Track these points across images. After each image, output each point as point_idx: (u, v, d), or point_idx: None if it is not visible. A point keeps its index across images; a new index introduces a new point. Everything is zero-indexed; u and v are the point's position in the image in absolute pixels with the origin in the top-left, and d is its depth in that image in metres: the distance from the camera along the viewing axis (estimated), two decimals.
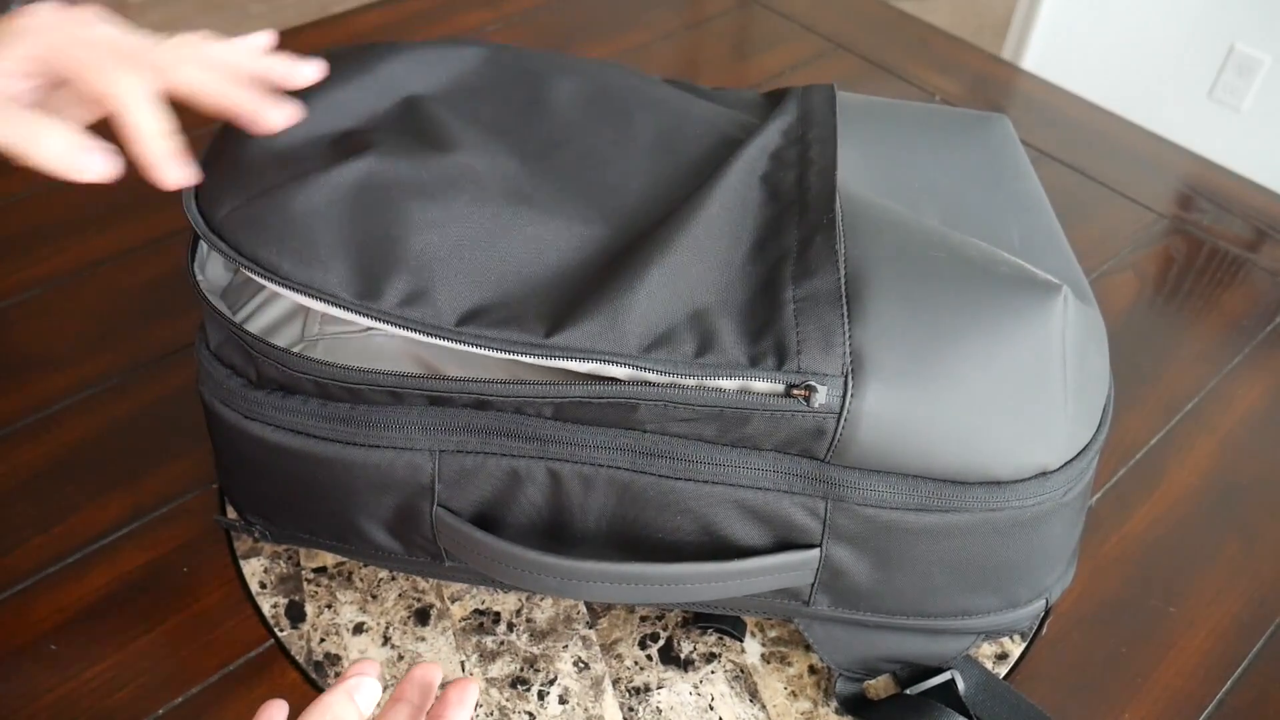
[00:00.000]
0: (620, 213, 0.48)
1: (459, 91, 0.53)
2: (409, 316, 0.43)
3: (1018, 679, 0.53)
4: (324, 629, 0.53)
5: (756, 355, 0.42)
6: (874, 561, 0.46)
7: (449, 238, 0.45)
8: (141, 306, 0.70)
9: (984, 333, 0.43)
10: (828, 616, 0.50)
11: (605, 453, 0.45)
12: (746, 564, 0.46)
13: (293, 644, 0.53)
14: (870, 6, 1.07)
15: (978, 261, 0.45)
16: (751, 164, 0.50)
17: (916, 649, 0.51)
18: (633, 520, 0.47)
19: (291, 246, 0.44)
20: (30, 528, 0.57)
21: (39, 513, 0.58)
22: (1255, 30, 1.73)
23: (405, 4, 1.03)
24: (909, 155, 0.55)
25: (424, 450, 0.46)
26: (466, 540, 0.47)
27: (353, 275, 0.44)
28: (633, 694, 0.52)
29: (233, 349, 0.47)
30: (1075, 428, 0.45)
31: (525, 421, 0.45)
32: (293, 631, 0.53)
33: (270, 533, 0.53)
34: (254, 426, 0.47)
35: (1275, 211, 0.83)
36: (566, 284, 0.44)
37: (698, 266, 0.45)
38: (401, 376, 0.44)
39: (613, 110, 0.54)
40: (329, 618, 0.54)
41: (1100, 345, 0.48)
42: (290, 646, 0.53)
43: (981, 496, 0.44)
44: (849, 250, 0.45)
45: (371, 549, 0.51)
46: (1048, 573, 0.49)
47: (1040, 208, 0.54)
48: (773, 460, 0.45)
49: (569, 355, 0.42)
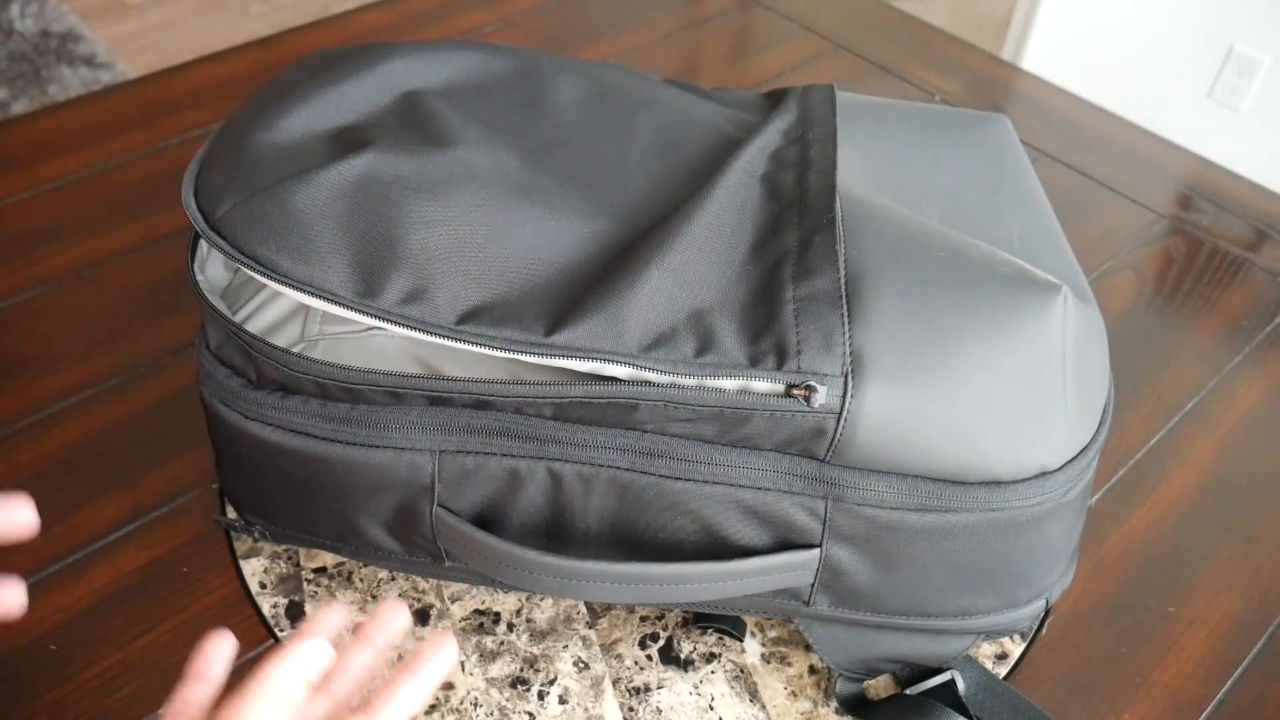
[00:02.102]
0: (620, 212, 0.48)
1: (459, 89, 0.53)
2: (409, 315, 0.43)
3: (1018, 679, 0.53)
4: None
5: (756, 355, 0.42)
6: (874, 561, 0.46)
7: (449, 235, 0.45)
8: (141, 306, 0.70)
9: (984, 333, 0.43)
10: (828, 616, 0.50)
11: (605, 453, 0.45)
12: (746, 564, 0.46)
13: None
14: (870, 6, 1.07)
15: (978, 261, 0.45)
16: (751, 164, 0.50)
17: (916, 649, 0.51)
18: (633, 520, 0.47)
19: (291, 244, 0.44)
20: None
21: (39, 513, 0.58)
22: (1255, 30, 1.72)
23: (405, 4, 1.03)
24: (909, 155, 0.55)
25: (424, 450, 0.46)
26: (466, 540, 0.47)
27: (352, 273, 0.44)
28: (633, 694, 0.52)
29: (233, 349, 0.47)
30: (1075, 428, 0.45)
31: (525, 421, 0.45)
32: (293, 632, 0.53)
33: (270, 533, 0.53)
34: (254, 426, 0.47)
35: (1275, 211, 0.83)
36: (567, 283, 0.44)
37: (698, 266, 0.45)
38: (401, 376, 0.44)
39: (613, 110, 0.54)
40: None
41: (1100, 345, 0.48)
42: None
43: (982, 496, 0.44)
44: (849, 250, 0.45)
45: (371, 549, 0.50)
46: (1048, 573, 0.49)
47: (1040, 208, 0.54)
48: (773, 460, 0.44)
49: (569, 354, 0.42)
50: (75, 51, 2.14)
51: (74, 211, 0.77)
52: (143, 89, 0.91)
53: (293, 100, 0.50)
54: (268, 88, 0.52)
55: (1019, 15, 2.02)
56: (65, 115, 0.87)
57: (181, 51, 2.17)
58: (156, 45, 2.24)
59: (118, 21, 2.32)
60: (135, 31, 2.30)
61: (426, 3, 1.04)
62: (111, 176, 0.81)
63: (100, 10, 2.35)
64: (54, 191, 0.79)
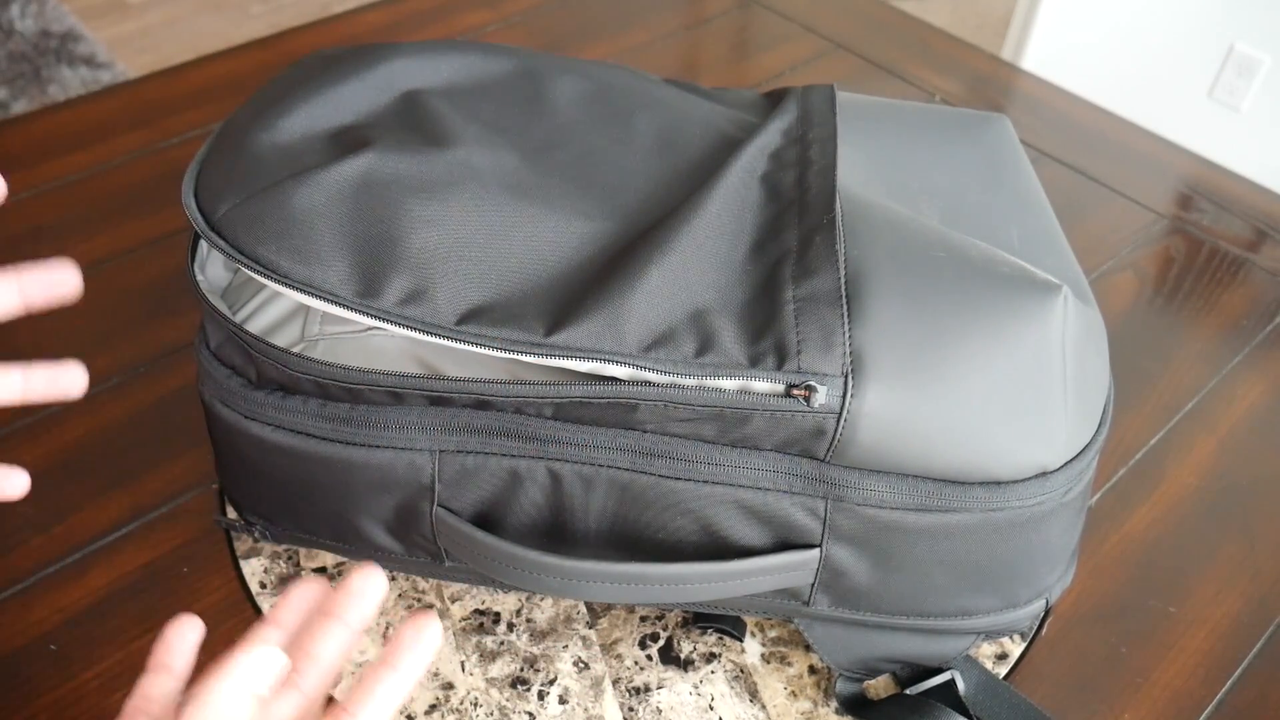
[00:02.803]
0: (621, 212, 0.48)
1: (459, 88, 0.53)
2: (409, 315, 0.43)
3: (1018, 679, 0.53)
4: None
5: (756, 355, 0.42)
6: (874, 561, 0.46)
7: (449, 235, 0.45)
8: (141, 306, 0.70)
9: (984, 333, 0.43)
10: (828, 616, 0.50)
11: (605, 453, 0.45)
12: (746, 564, 0.46)
13: None
14: (870, 6, 1.07)
15: (978, 261, 0.45)
16: (751, 164, 0.50)
17: (916, 649, 0.51)
18: (633, 520, 0.47)
19: (291, 244, 0.44)
20: (30, 528, 0.57)
21: (39, 513, 0.58)
22: (1255, 30, 1.73)
23: (405, 4, 1.03)
24: (909, 155, 0.55)
25: (424, 450, 0.46)
26: (466, 540, 0.47)
27: (352, 273, 0.44)
28: (633, 694, 0.52)
29: (233, 349, 0.47)
30: (1075, 428, 0.45)
31: (525, 421, 0.45)
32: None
33: (270, 533, 0.53)
34: (254, 427, 0.47)
35: (1275, 211, 0.83)
36: (567, 283, 0.44)
37: (698, 266, 0.45)
38: (401, 376, 0.44)
39: (614, 110, 0.54)
40: None
41: (1100, 345, 0.48)
42: None
43: (981, 496, 0.44)
44: (849, 250, 0.45)
45: (371, 549, 0.50)
46: (1048, 573, 0.49)
47: (1040, 208, 0.54)
48: (773, 460, 0.44)
49: (569, 354, 0.42)
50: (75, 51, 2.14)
51: (74, 211, 0.77)
52: (143, 89, 0.91)
53: (293, 100, 0.50)
54: (268, 88, 0.52)
55: (1019, 15, 2.02)
56: (65, 115, 0.87)
57: (181, 51, 2.17)
58: (156, 45, 2.24)
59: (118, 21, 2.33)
60: (135, 31, 2.30)
61: (426, 3, 1.04)
62: (111, 176, 0.81)
63: (100, 10, 2.35)
64: (54, 191, 0.79)
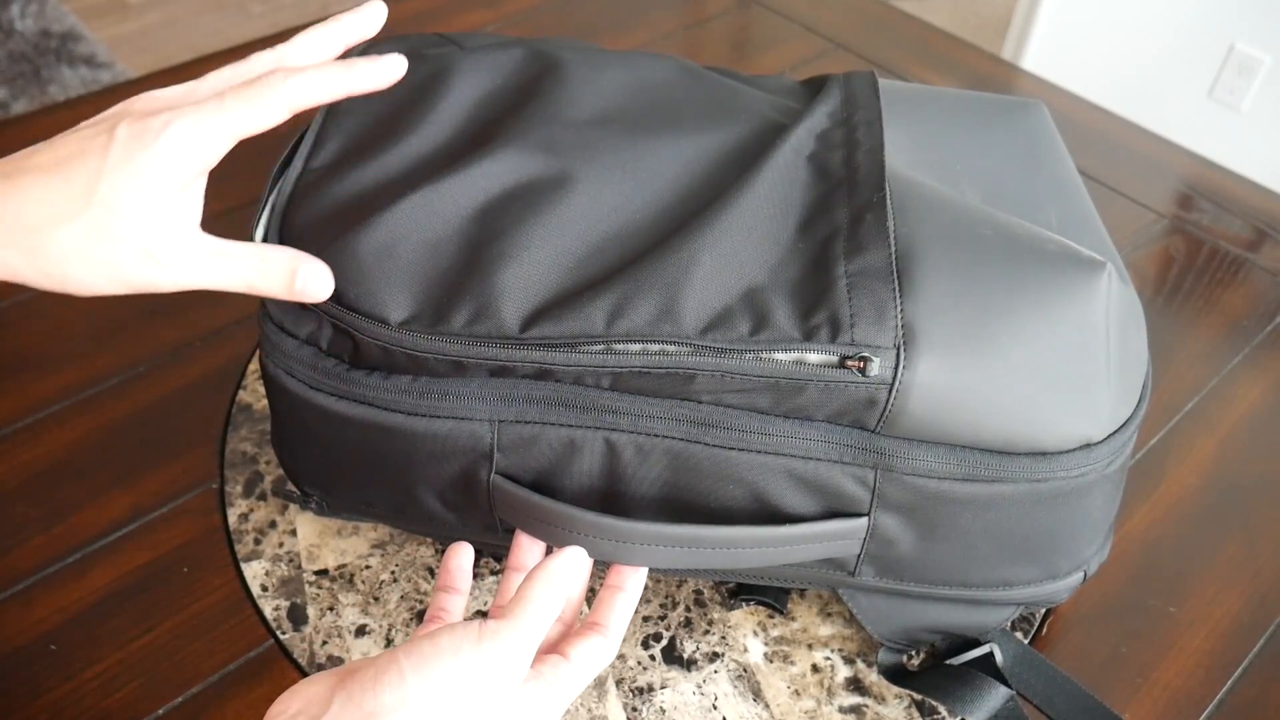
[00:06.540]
0: (670, 196, 0.48)
1: (498, 91, 0.54)
2: (477, 333, 0.44)
3: None
4: (326, 632, 0.53)
5: (810, 329, 0.43)
6: (920, 531, 0.47)
7: (511, 253, 0.45)
8: (142, 306, 0.70)
9: (1032, 307, 0.44)
10: (872, 587, 0.50)
11: (661, 423, 0.46)
12: (798, 530, 0.46)
13: (295, 647, 0.53)
14: (870, 6, 1.07)
15: (1024, 239, 0.46)
16: (799, 145, 0.51)
17: (958, 619, 0.52)
18: (685, 489, 0.47)
19: (366, 289, 0.45)
20: (30, 528, 0.57)
21: (39, 513, 0.58)
22: (1255, 30, 1.73)
23: (405, 4, 1.03)
24: (949, 139, 0.56)
25: (484, 420, 0.46)
26: (523, 504, 0.47)
27: (421, 308, 0.45)
28: (636, 694, 0.52)
29: (297, 319, 0.48)
30: (1118, 401, 0.46)
31: (584, 392, 0.46)
32: (295, 634, 0.53)
33: (327, 503, 0.53)
34: (319, 397, 0.48)
35: (1275, 211, 0.83)
36: (621, 271, 0.45)
37: (748, 246, 0.46)
38: (466, 345, 0.45)
39: (656, 96, 0.54)
40: (331, 620, 0.54)
41: (1139, 324, 0.49)
42: (293, 650, 0.53)
43: (1027, 467, 0.45)
44: (898, 227, 0.46)
45: (426, 519, 0.51)
46: (1087, 544, 0.50)
47: (1077, 191, 0.56)
48: (824, 431, 0.45)
49: (629, 341, 0.43)
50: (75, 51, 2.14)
51: None
52: (143, 89, 0.91)
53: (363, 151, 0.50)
54: None
55: (1019, 15, 2.02)
56: (65, 115, 0.87)
57: (181, 51, 2.17)
58: (156, 45, 2.24)
59: (118, 21, 2.33)
60: (135, 31, 2.30)
61: (426, 3, 1.04)
62: None
63: (100, 10, 2.35)
64: None
